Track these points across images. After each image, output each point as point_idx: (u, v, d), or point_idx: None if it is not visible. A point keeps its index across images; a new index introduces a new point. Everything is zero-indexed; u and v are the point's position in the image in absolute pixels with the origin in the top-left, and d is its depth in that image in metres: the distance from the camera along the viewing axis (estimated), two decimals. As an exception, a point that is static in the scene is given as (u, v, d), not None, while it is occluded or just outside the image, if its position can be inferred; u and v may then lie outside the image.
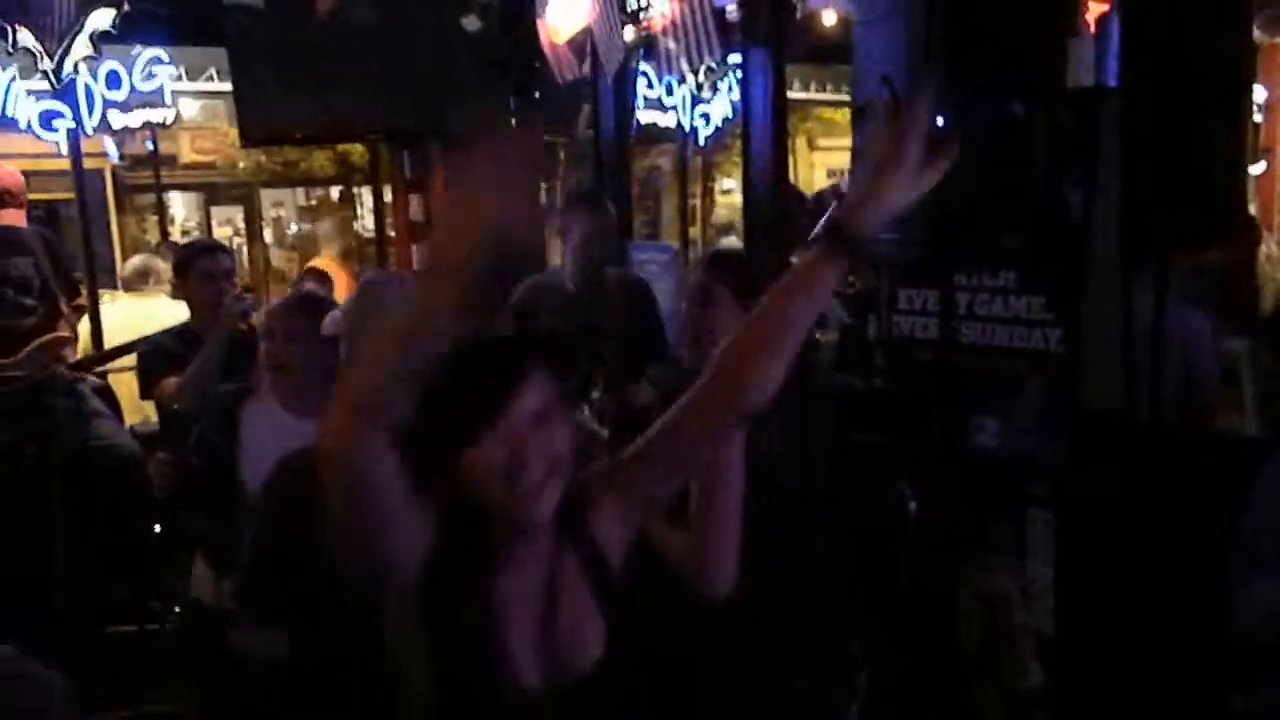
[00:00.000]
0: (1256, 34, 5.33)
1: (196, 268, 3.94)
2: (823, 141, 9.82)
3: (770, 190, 4.28)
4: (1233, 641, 2.28)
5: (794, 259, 1.80)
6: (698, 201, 9.25)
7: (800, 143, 9.76)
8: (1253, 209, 5.41)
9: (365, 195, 8.40)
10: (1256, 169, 6.42)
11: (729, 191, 9.14)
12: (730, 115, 7.10)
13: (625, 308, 3.81)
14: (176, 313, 4.33)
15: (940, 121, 1.79)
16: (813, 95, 8.11)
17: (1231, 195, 3.10)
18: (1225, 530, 2.36)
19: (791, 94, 7.65)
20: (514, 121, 5.46)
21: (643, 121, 6.89)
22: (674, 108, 7.14)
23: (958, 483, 3.25)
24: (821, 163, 10.09)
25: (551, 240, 4.32)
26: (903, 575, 3.25)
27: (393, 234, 7.16)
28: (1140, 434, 2.96)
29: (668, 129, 7.42)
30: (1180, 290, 3.24)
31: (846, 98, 4.68)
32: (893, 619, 3.20)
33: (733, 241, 6.86)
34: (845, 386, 3.95)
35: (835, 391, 3.86)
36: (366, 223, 8.44)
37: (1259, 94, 6.31)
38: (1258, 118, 6.46)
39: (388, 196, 7.29)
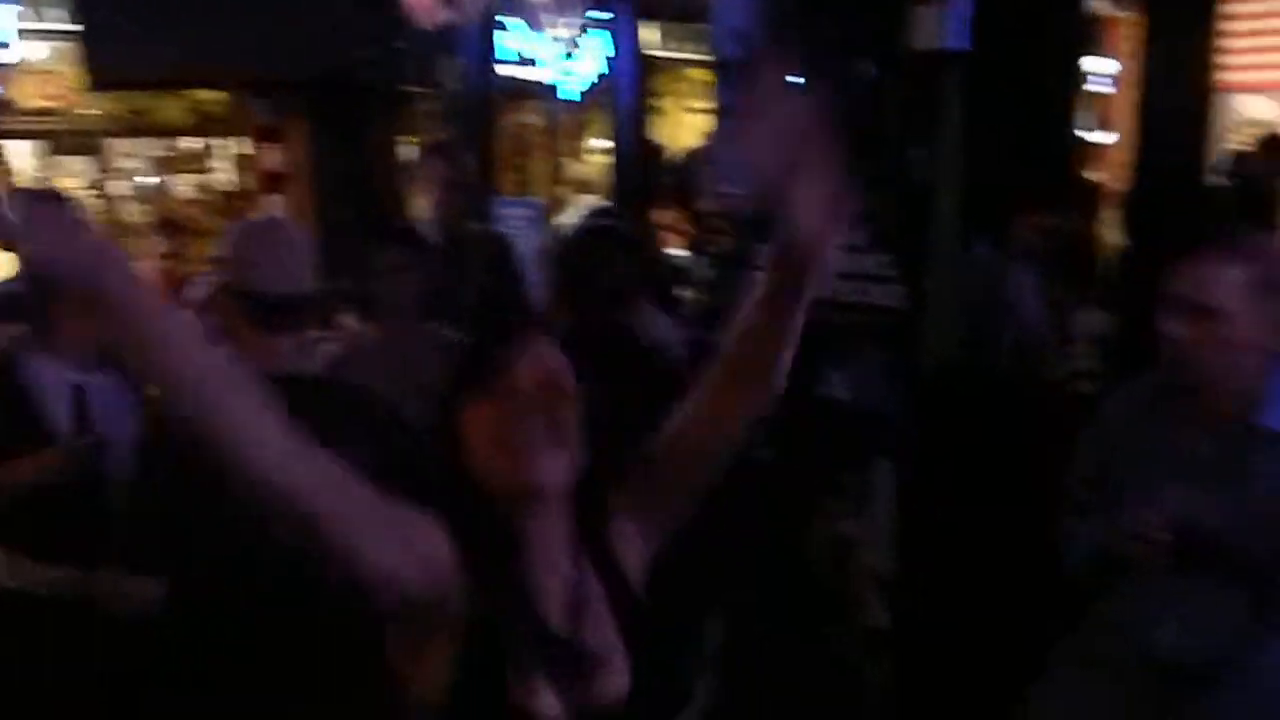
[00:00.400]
0: (1103, 6, 5.57)
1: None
2: (695, 103, 9.86)
3: (636, 148, 4.32)
4: (1059, 583, 2.43)
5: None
6: (570, 160, 9.20)
7: (672, 104, 9.77)
8: (1100, 177, 5.67)
9: (224, 146, 8.09)
10: (1103, 138, 6.71)
11: (602, 151, 9.13)
12: (600, 72, 7.07)
13: (488, 264, 3.80)
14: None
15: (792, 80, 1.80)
16: (682, 54, 8.12)
17: (1068, 161, 3.28)
18: (1053, 476, 2.51)
19: (660, 53, 7.68)
20: (374, 71, 5.33)
21: (508, 76, 6.82)
22: (541, 63, 7.08)
23: (809, 433, 3.36)
24: (693, 124, 10.13)
25: (412, 193, 4.29)
26: (757, 524, 3.35)
27: (251, 186, 6.93)
28: (978, 386, 3.13)
29: (535, 85, 7.36)
30: (1019, 250, 3.43)
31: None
32: (749, 565, 3.30)
33: (595, 200, 6.86)
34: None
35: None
36: (223, 175, 8.14)
37: (1107, 66, 6.59)
38: (1105, 89, 6.74)
39: (247, 148, 7.05)
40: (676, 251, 5.39)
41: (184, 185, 7.94)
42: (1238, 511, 1.87)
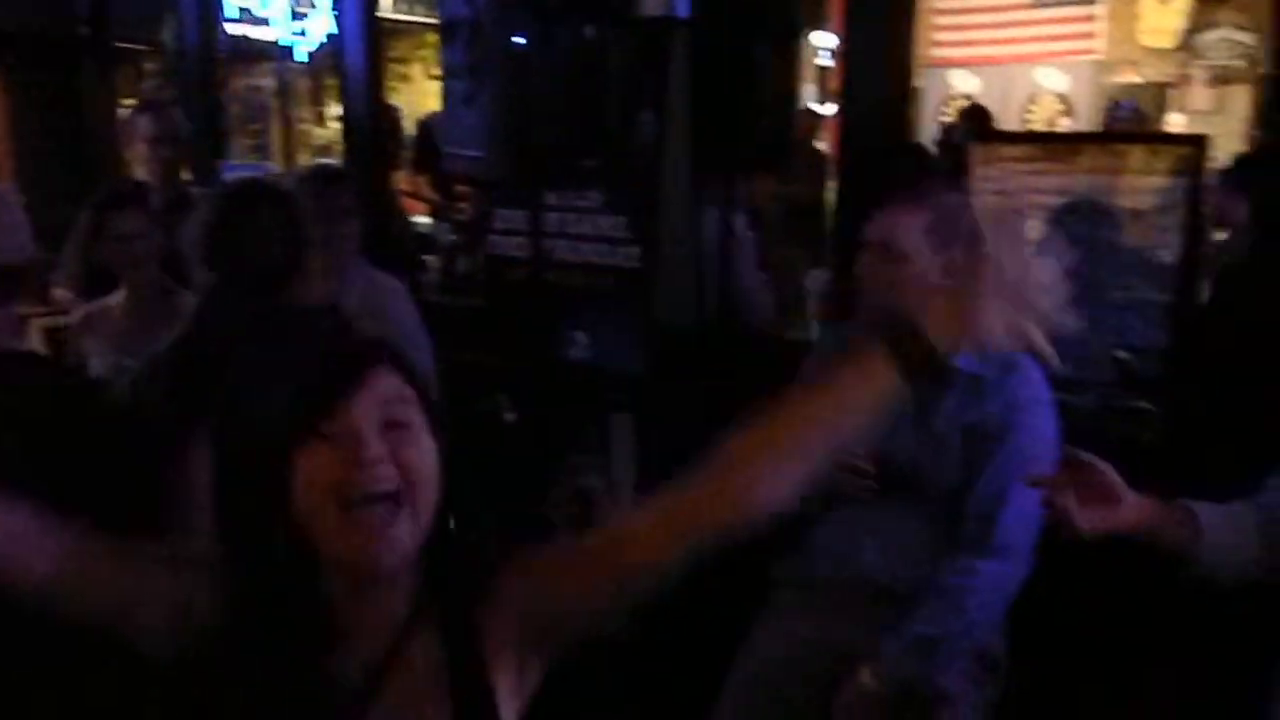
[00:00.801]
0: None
1: None
2: (438, 70, 9.67)
3: (369, 112, 4.22)
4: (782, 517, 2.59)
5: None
6: (308, 125, 8.85)
7: (416, 69, 9.57)
8: (824, 147, 5.97)
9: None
10: (827, 110, 7.10)
11: (338, 116, 8.83)
12: (330, 33, 6.84)
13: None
14: None
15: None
16: (415, 17, 7.94)
17: (785, 129, 3.45)
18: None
19: (394, 15, 7.48)
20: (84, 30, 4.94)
21: (236, 34, 6.49)
22: (272, 22, 6.78)
23: (551, 393, 3.43)
24: (437, 90, 9.94)
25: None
26: (501, 481, 3.38)
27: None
28: (709, 343, 3.27)
29: (265, 44, 7.04)
30: (746, 214, 3.60)
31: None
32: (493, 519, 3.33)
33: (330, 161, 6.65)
34: (450, 307, 4.02)
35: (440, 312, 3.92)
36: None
37: (830, 40, 6.95)
38: (829, 62, 7.11)
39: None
40: (420, 219, 5.33)
41: None
42: (927, 442, 2.07)
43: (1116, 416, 2.52)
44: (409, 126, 6.46)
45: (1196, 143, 2.55)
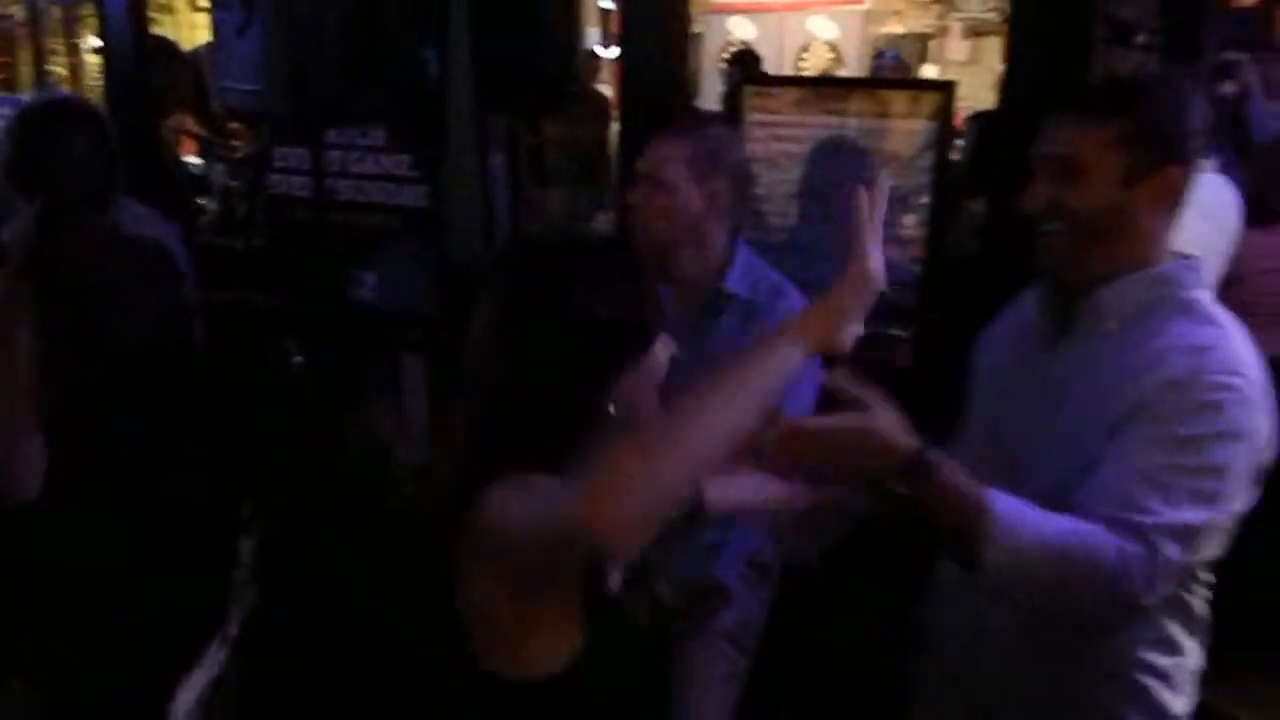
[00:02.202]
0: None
1: None
2: (204, 1, 9.16)
3: (132, 47, 3.99)
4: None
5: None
6: (62, 59, 8.23)
7: (181, 2, 9.03)
8: (608, 91, 6.04)
9: None
10: (609, 53, 7.17)
11: (97, 49, 8.25)
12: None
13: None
14: None
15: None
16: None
17: (566, 71, 3.49)
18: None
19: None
20: None
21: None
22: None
23: (340, 335, 3.39)
24: (205, 24, 9.41)
25: None
26: (294, 427, 3.34)
27: None
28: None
29: (13, -28, 6.51)
30: (527, 155, 3.63)
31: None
32: (285, 465, 3.28)
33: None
34: (228, 250, 3.89)
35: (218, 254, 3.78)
36: None
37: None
38: (610, 5, 7.17)
39: None
40: (192, 159, 5.09)
41: None
42: (700, 364, 2.18)
43: (874, 344, 2.72)
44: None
45: (946, 89, 2.76)
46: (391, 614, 1.49)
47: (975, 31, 7.34)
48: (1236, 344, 1.47)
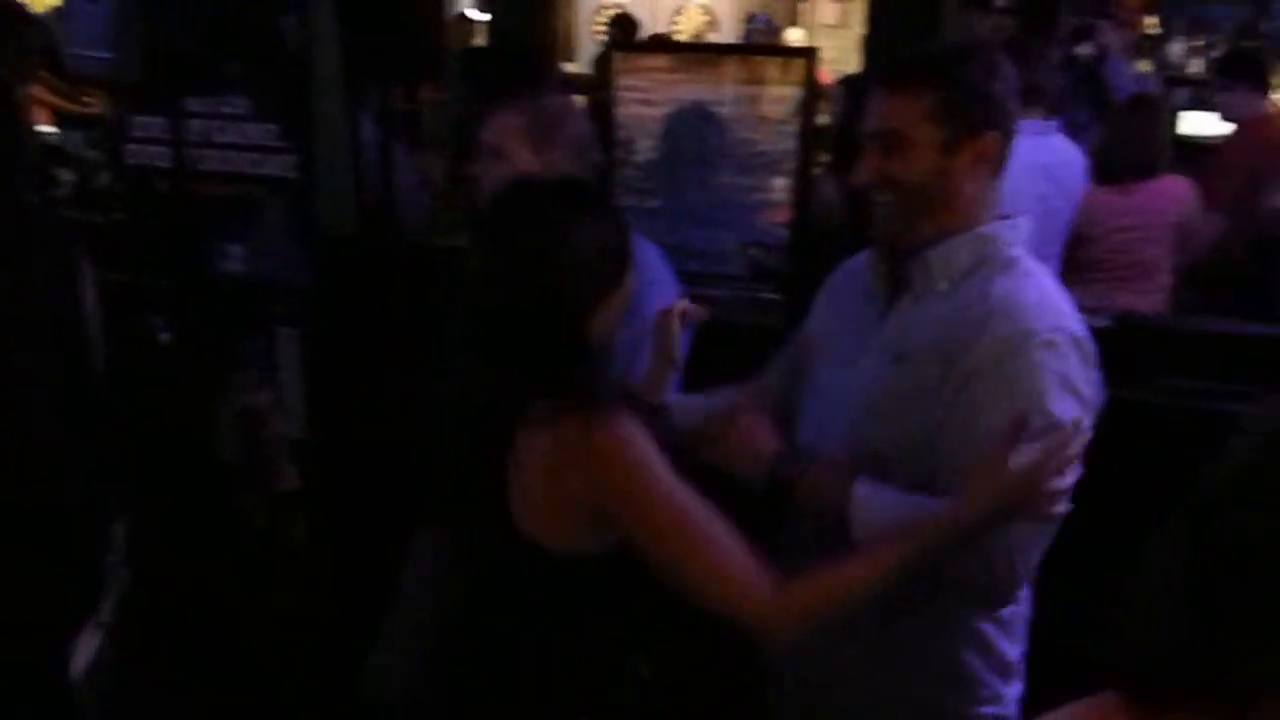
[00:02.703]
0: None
1: None
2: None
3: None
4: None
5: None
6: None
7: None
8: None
9: None
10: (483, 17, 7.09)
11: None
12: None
13: None
14: None
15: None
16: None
17: (436, 35, 3.46)
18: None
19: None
20: None
21: None
22: None
23: (208, 309, 3.31)
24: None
25: None
26: (162, 403, 3.25)
27: None
28: (372, 251, 3.27)
29: None
30: (398, 121, 3.59)
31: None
32: (158, 443, 3.21)
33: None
34: (86, 224, 3.74)
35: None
36: None
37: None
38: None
39: None
40: (46, 128, 4.86)
41: None
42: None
43: (748, 307, 2.79)
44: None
45: (809, 55, 2.82)
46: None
47: (845, -6, 7.48)
48: (1057, 298, 1.56)
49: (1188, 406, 2.15)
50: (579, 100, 3.02)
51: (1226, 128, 4.19)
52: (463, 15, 6.22)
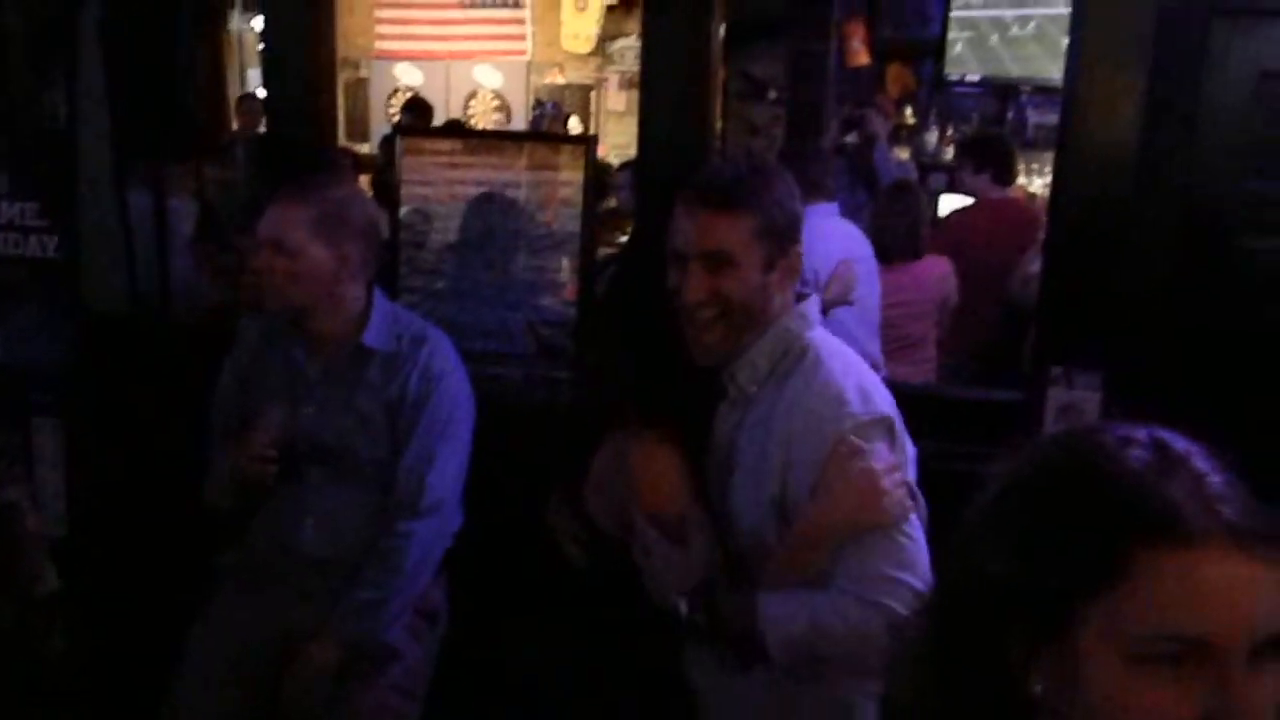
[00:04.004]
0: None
1: None
2: None
3: None
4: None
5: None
6: None
7: None
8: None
9: None
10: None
11: None
12: None
13: None
14: None
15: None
16: None
17: (213, 113, 3.38)
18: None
19: None
20: None
21: None
22: None
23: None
24: None
25: None
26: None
27: None
28: (142, 335, 3.12)
29: None
30: (175, 196, 3.46)
31: None
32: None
33: None
34: None
35: None
36: None
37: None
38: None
39: None
40: None
41: None
42: (354, 420, 2.18)
43: (536, 386, 2.81)
44: None
45: (589, 142, 2.91)
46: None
47: (632, 83, 7.74)
48: (861, 376, 1.67)
49: (947, 469, 2.29)
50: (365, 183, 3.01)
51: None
52: (252, 95, 6.09)
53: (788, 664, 1.56)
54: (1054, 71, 5.58)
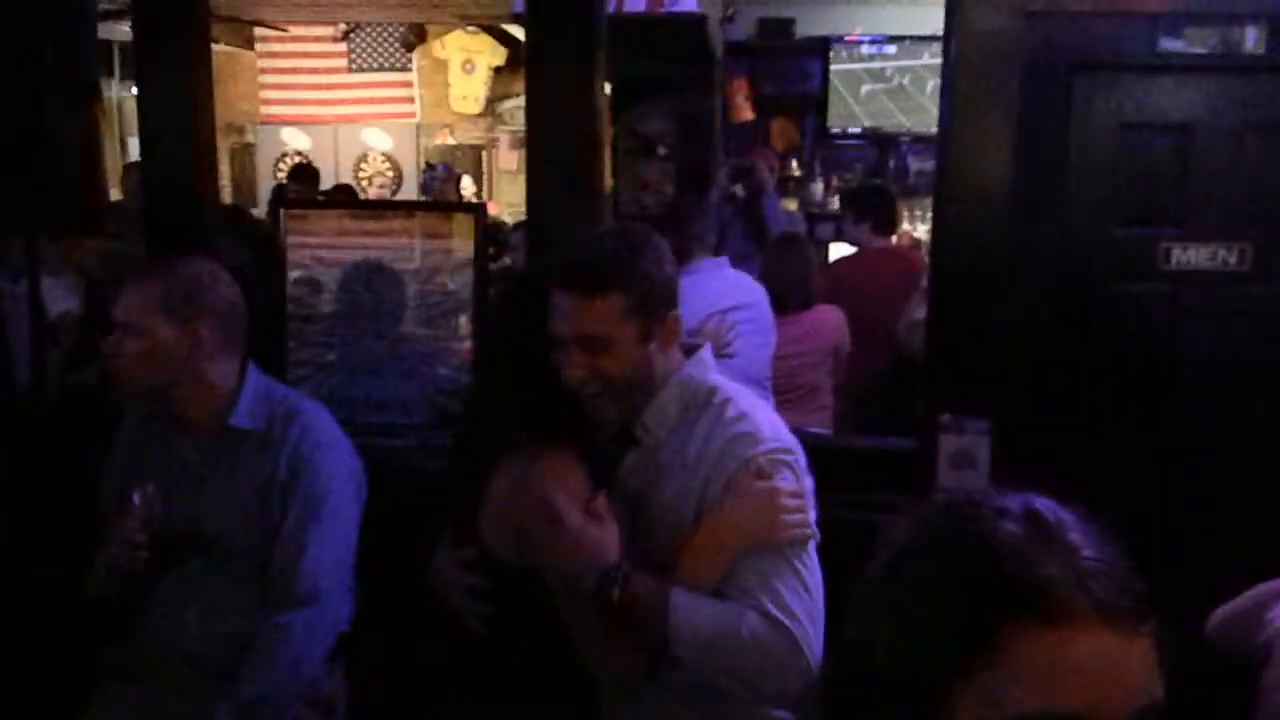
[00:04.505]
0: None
1: None
2: None
3: None
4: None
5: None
6: None
7: None
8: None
9: None
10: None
11: None
12: None
13: None
14: None
15: None
16: None
17: (89, 185, 3.27)
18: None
19: None
20: None
21: None
22: None
23: None
24: None
25: None
26: None
27: None
28: (19, 419, 2.98)
29: None
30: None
31: None
32: None
33: None
34: None
35: None
36: None
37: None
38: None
39: None
40: None
41: None
42: (228, 505, 2.09)
43: (433, 454, 2.76)
44: None
45: (479, 210, 2.90)
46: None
47: (523, 143, 7.75)
48: (767, 412, 1.74)
49: (844, 518, 2.32)
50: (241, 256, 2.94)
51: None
52: (136, 164, 5.91)
53: (690, 659, 1.58)
54: (932, 121, 5.81)
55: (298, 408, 2.15)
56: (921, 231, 6.11)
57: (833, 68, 6.29)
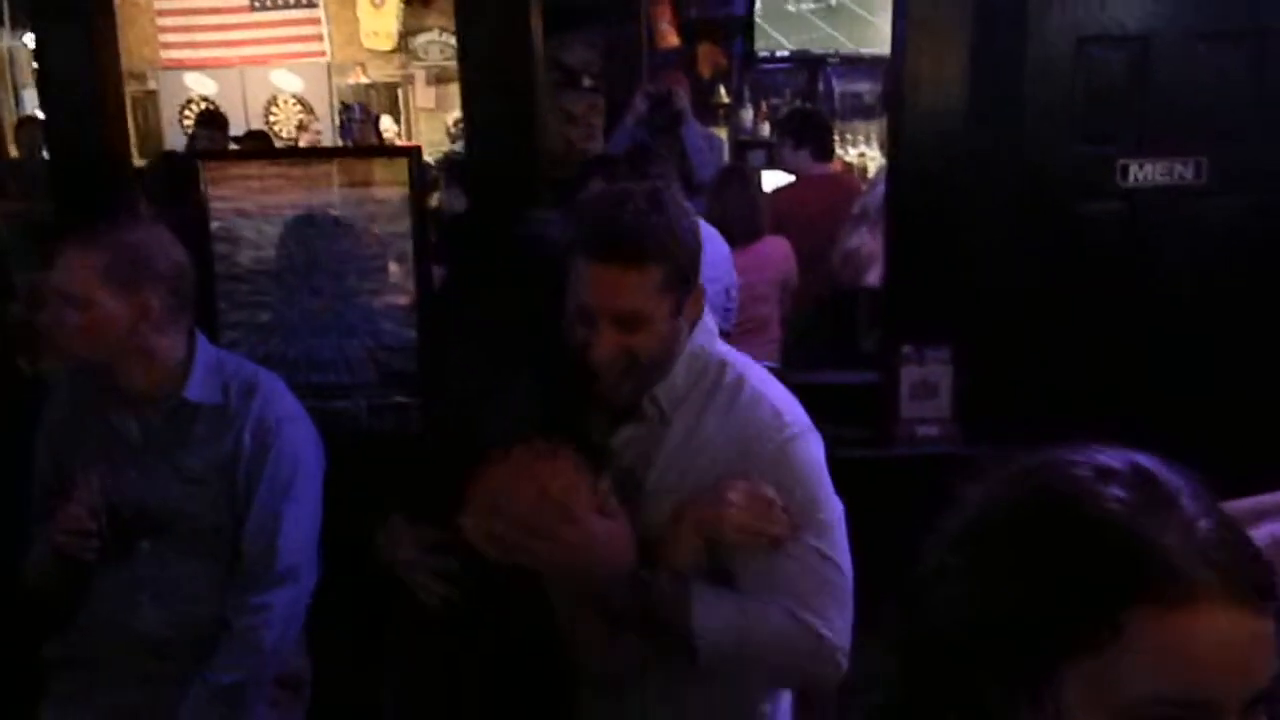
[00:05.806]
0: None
1: None
2: None
3: None
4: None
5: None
6: None
7: None
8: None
9: None
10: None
11: None
12: None
13: None
14: None
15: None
16: None
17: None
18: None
19: None
20: None
21: None
22: None
23: None
24: None
25: None
26: None
27: None
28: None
29: None
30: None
31: None
32: None
33: None
34: None
35: None
36: None
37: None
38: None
39: None
40: None
41: None
42: (185, 485, 1.97)
43: (382, 414, 2.65)
44: None
45: (413, 154, 2.73)
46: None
47: (439, 79, 7.51)
48: (776, 385, 1.62)
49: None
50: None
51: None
52: (31, 118, 5.60)
53: (712, 655, 1.49)
54: (861, 42, 5.71)
55: (255, 379, 2.02)
56: (852, 155, 6.04)
57: (757, -12, 6.13)
